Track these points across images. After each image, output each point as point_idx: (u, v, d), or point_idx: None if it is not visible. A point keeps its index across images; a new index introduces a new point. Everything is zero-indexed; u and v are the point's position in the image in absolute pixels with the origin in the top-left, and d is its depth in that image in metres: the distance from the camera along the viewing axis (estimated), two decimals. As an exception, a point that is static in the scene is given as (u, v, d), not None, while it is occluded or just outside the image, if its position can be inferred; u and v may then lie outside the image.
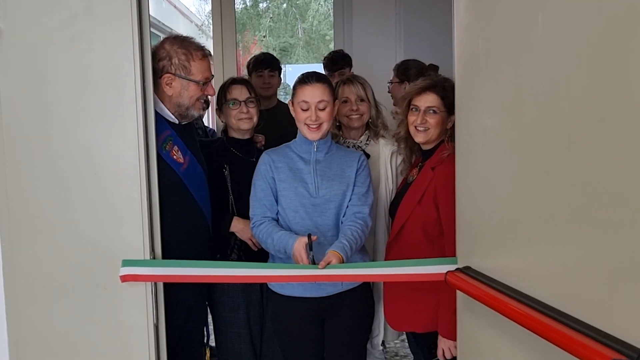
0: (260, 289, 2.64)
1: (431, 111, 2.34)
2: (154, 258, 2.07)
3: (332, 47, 5.64)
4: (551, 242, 1.44)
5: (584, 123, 1.30)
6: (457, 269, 1.88)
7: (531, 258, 1.53)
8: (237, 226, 2.59)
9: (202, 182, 2.48)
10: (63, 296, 2.07)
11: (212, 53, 2.45)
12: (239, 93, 2.69)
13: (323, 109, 2.33)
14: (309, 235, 2.13)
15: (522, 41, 1.51)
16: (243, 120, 2.68)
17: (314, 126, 2.34)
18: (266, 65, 3.84)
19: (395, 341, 3.68)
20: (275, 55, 4.27)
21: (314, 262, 2.10)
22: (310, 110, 2.33)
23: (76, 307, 2.08)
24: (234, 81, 2.76)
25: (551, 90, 1.41)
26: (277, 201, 2.39)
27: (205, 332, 2.73)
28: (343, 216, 2.37)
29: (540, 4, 1.44)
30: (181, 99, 2.33)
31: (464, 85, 1.86)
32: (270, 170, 2.37)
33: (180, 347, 2.36)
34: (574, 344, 1.29)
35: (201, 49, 2.38)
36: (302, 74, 2.43)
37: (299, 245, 2.15)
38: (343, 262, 2.13)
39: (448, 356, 2.27)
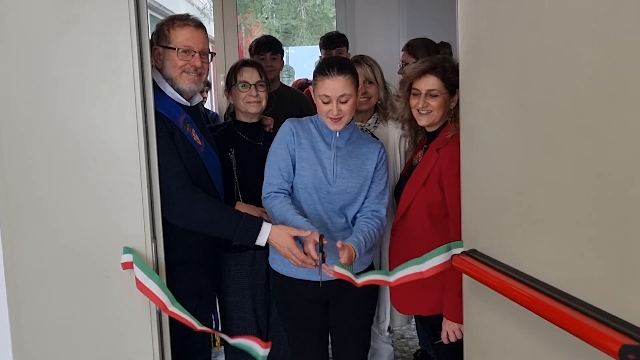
0: (267, 273, 2.63)
1: (432, 94, 2.31)
2: (155, 245, 2.05)
3: (335, 26, 5.59)
4: (559, 223, 1.41)
5: (593, 101, 1.27)
6: (463, 252, 1.85)
7: (539, 240, 1.50)
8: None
9: (218, 167, 2.46)
10: (64, 284, 2.06)
11: (202, 25, 2.37)
12: (250, 76, 2.64)
13: (345, 102, 2.26)
14: (321, 237, 2.09)
15: (527, 18, 1.47)
16: (252, 104, 2.64)
17: (335, 118, 2.27)
18: (268, 48, 3.79)
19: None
20: (278, 37, 4.21)
21: (323, 261, 2.07)
22: (332, 104, 2.25)
23: (78, 296, 2.06)
24: (245, 63, 2.72)
25: (559, 68, 1.37)
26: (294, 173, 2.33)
27: (213, 319, 2.72)
28: (357, 212, 2.35)
29: None
30: (166, 71, 2.28)
31: (468, 64, 1.83)
32: (293, 142, 2.32)
33: (189, 332, 2.34)
34: (584, 328, 1.26)
35: (184, 18, 2.32)
36: (324, 62, 2.34)
37: (310, 241, 2.11)
38: (355, 257, 2.13)
39: (452, 339, 2.26)
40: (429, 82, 2.32)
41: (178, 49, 2.26)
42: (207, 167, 2.35)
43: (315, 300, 2.41)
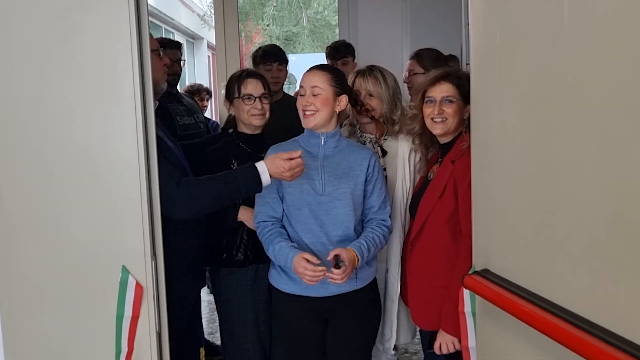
0: (269, 288, 2.57)
1: (447, 101, 2.27)
2: (155, 262, 2.00)
3: (338, 32, 5.58)
4: (578, 244, 1.36)
5: (616, 120, 1.22)
6: (475, 272, 1.79)
7: (556, 261, 1.45)
8: (245, 214, 2.52)
9: (187, 164, 2.44)
10: (60, 303, 2.01)
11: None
12: (254, 88, 2.62)
13: (316, 95, 2.28)
14: (336, 257, 2.15)
15: (546, 32, 1.42)
16: (256, 117, 2.61)
17: (308, 112, 2.28)
18: (275, 57, 3.75)
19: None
20: (279, 45, 4.18)
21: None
22: (306, 96, 2.29)
23: (74, 315, 2.02)
24: (248, 74, 2.68)
25: (579, 85, 1.32)
26: (282, 199, 2.33)
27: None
28: (355, 224, 2.32)
29: None
30: None
31: (480, 78, 1.78)
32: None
33: (181, 346, 2.33)
34: (603, 355, 1.22)
35: None
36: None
37: (299, 260, 2.15)
38: (357, 262, 2.17)
39: (445, 351, 2.22)
40: (444, 89, 2.28)
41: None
42: (184, 166, 2.37)
43: (314, 317, 2.36)
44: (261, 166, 2.18)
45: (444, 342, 2.22)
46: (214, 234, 2.56)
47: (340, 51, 4.21)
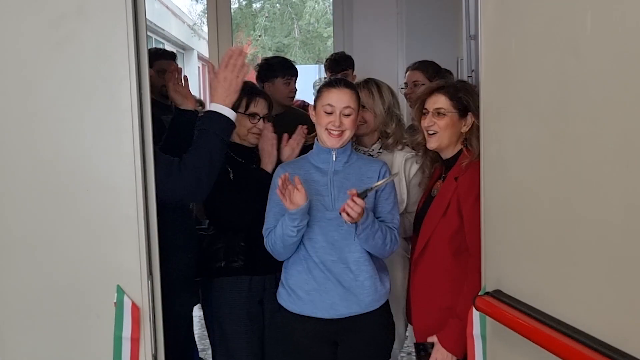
0: (261, 302, 2.58)
1: (439, 112, 2.22)
2: (152, 282, 1.93)
3: (329, 44, 5.58)
4: (598, 265, 1.33)
5: None
6: (486, 293, 1.73)
7: (574, 283, 1.42)
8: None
9: None
10: (52, 324, 1.94)
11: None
12: (262, 108, 2.61)
13: (348, 115, 2.22)
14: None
15: (566, 42, 1.38)
16: (255, 135, 2.60)
17: (336, 132, 2.22)
18: (293, 72, 3.64)
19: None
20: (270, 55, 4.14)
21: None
22: (335, 115, 2.21)
23: (66, 337, 1.95)
24: (259, 93, 2.67)
25: (603, 98, 1.28)
26: None
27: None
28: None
29: (589, 2, 1.31)
30: None
31: (492, 90, 1.73)
32: None
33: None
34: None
35: None
36: (331, 79, 2.37)
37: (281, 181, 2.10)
38: (361, 217, 2.07)
39: None
40: (437, 101, 2.24)
41: None
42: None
43: (323, 339, 2.29)
44: (214, 106, 2.18)
45: (440, 358, 2.15)
46: (211, 242, 2.55)
47: (340, 63, 4.18)
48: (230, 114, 2.20)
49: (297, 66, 3.72)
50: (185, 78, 2.71)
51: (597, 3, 1.29)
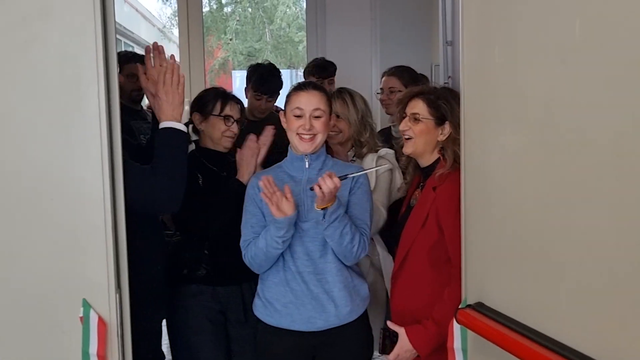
0: (224, 312, 2.54)
1: (415, 118, 2.19)
2: (120, 296, 1.85)
3: (301, 49, 5.52)
4: (586, 278, 1.32)
5: (633, 146, 1.16)
6: (468, 306, 1.70)
7: (558, 296, 1.40)
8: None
9: None
10: (14, 340, 1.85)
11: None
12: (236, 111, 2.61)
13: (318, 118, 2.17)
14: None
15: (554, 47, 1.35)
16: (229, 139, 2.58)
17: (307, 136, 2.16)
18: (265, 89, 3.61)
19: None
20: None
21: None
22: (304, 118, 2.15)
23: (30, 354, 1.85)
24: (233, 97, 2.66)
25: (592, 107, 1.26)
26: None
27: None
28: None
29: (577, 8, 1.28)
30: None
31: (474, 99, 1.69)
32: (257, 195, 2.18)
33: None
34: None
35: None
36: (299, 82, 2.32)
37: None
38: (332, 204, 2.02)
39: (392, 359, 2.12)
40: (415, 106, 2.20)
41: None
42: None
43: (299, 352, 2.24)
44: (165, 124, 2.13)
45: (403, 352, 2.09)
46: (177, 249, 2.55)
47: (327, 69, 4.06)
48: (182, 127, 2.16)
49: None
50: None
51: (585, 9, 1.26)
